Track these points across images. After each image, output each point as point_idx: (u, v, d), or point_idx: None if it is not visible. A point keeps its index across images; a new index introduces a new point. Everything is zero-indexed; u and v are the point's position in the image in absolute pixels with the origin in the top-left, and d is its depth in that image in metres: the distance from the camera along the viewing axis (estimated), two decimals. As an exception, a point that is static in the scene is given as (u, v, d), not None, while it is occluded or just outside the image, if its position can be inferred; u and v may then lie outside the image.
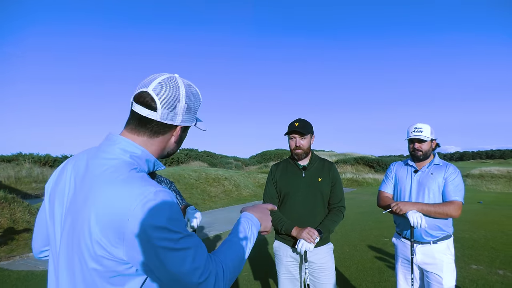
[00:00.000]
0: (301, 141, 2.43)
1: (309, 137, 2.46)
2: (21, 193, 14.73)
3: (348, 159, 30.94)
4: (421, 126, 2.58)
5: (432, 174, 2.56)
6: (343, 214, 2.48)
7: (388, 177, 2.84)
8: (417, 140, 2.59)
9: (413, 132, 2.60)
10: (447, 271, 2.46)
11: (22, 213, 7.13)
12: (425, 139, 2.54)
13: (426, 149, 2.58)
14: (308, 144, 2.46)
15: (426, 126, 2.58)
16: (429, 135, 2.56)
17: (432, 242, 2.51)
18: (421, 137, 2.54)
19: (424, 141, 2.56)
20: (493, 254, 5.57)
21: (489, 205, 13.25)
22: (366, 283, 4.34)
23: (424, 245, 2.53)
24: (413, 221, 2.35)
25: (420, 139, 2.55)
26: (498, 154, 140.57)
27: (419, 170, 2.63)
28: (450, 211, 2.39)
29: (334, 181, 2.49)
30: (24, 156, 21.63)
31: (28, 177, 18.04)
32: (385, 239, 6.72)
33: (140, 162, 0.99)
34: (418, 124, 2.60)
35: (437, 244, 2.51)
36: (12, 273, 4.91)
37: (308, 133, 2.43)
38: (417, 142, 2.59)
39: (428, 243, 2.52)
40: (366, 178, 24.81)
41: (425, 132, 2.56)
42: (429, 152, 2.61)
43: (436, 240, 2.51)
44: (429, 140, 2.57)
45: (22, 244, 6.30)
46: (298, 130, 2.40)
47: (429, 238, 2.51)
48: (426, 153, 2.59)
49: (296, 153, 2.45)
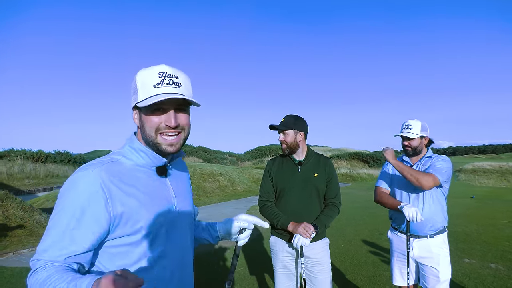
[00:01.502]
0: (285, 137, 2.45)
1: (291, 132, 2.44)
2: (14, 189, 14.60)
3: (342, 155, 31.08)
4: (411, 123, 2.62)
5: (424, 168, 2.60)
6: (338, 209, 2.48)
7: (384, 173, 2.87)
8: (405, 138, 2.65)
9: (403, 129, 2.66)
10: (443, 264, 2.49)
11: (15, 210, 7.06)
12: (413, 137, 2.59)
13: (415, 146, 2.63)
14: (292, 140, 2.44)
15: (416, 122, 2.62)
16: (418, 132, 2.60)
17: (429, 236, 2.54)
18: (408, 134, 2.61)
19: (412, 138, 2.61)
20: (485, 248, 5.65)
21: (481, 199, 13.42)
22: (361, 277, 4.38)
23: (420, 239, 2.55)
24: (409, 216, 2.36)
25: (408, 137, 2.62)
26: (490, 149, 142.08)
27: (413, 165, 2.68)
28: (422, 179, 2.38)
29: (330, 176, 2.49)
30: (16, 152, 21.41)
31: (20, 173, 17.87)
32: (380, 234, 6.78)
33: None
34: (409, 121, 2.64)
35: (433, 237, 2.54)
36: (5, 270, 4.87)
37: (290, 129, 2.43)
38: (406, 140, 2.65)
39: (425, 237, 2.54)
40: (361, 173, 24.96)
41: (414, 129, 2.60)
42: (419, 148, 2.64)
43: (432, 234, 2.54)
44: (417, 137, 2.61)
45: (16, 240, 6.24)
46: (275, 126, 2.46)
47: (425, 232, 2.53)
48: (416, 149, 2.64)
49: (282, 148, 2.50)
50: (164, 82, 1.04)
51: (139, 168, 1.11)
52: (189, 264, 1.25)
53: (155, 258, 1.09)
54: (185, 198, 1.25)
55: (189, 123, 1.14)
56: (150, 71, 1.06)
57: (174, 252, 1.16)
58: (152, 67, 1.07)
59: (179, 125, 1.08)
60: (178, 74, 1.08)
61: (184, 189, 1.27)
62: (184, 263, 1.21)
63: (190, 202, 1.29)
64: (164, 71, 1.05)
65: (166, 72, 1.06)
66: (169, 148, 1.08)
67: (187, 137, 1.14)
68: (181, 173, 1.29)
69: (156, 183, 1.13)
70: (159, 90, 1.04)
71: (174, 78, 1.06)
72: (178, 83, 1.07)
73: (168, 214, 1.13)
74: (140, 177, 1.10)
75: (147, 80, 1.05)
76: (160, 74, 1.05)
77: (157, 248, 1.10)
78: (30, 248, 6.08)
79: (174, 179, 1.22)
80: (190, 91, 1.12)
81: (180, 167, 1.31)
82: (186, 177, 1.35)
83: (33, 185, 16.82)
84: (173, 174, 1.23)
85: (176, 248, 1.16)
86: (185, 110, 1.11)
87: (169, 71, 1.06)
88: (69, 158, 22.85)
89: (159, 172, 1.14)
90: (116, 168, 1.06)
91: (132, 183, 1.06)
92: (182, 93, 1.06)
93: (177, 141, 1.10)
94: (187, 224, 1.24)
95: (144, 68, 1.08)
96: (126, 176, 1.06)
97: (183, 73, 1.11)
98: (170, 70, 1.07)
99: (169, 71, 1.06)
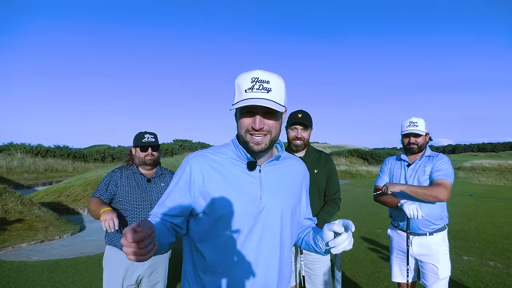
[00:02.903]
0: (303, 133, 2.41)
1: (310, 130, 2.44)
2: (13, 183, 14.59)
3: (342, 151, 31.08)
4: (416, 120, 2.61)
5: (425, 167, 2.59)
6: (338, 206, 2.48)
7: (383, 172, 2.87)
8: (413, 135, 2.61)
9: (408, 127, 2.63)
10: (443, 261, 2.49)
11: (14, 204, 7.06)
12: (421, 134, 2.58)
13: (421, 143, 2.62)
14: (308, 137, 2.45)
15: (421, 120, 2.62)
16: (424, 129, 2.60)
17: (428, 234, 2.53)
18: (417, 131, 2.57)
19: (420, 135, 2.60)
20: (484, 245, 5.67)
21: (480, 197, 13.44)
22: (359, 274, 4.38)
23: (420, 236, 2.55)
24: (409, 213, 2.34)
25: (416, 133, 2.58)
26: (489, 147, 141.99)
27: (412, 163, 2.67)
28: (438, 193, 2.38)
29: (330, 173, 2.48)
30: (15, 146, 21.37)
31: (19, 167, 17.85)
32: (379, 231, 6.79)
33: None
34: (413, 119, 2.63)
35: (433, 235, 2.53)
36: (4, 264, 4.88)
37: (310, 126, 2.42)
38: (412, 136, 2.62)
39: (425, 235, 2.54)
40: (360, 170, 24.98)
41: (420, 127, 2.59)
42: (423, 145, 2.65)
43: (432, 232, 2.54)
44: (424, 134, 2.61)
45: (15, 234, 6.24)
46: (301, 122, 2.38)
47: (425, 229, 2.53)
48: (421, 146, 2.63)
49: (296, 144, 2.43)
50: (255, 88, 1.12)
51: (232, 160, 1.24)
52: (273, 265, 1.22)
53: (228, 247, 1.17)
54: (279, 198, 1.25)
55: (277, 126, 1.20)
56: (245, 76, 1.15)
57: (245, 244, 1.17)
58: (249, 72, 1.15)
59: (263, 128, 1.15)
60: (271, 78, 1.14)
61: (282, 189, 1.27)
62: (268, 264, 1.20)
63: (287, 204, 1.28)
64: (256, 77, 1.13)
65: (258, 77, 1.13)
66: (255, 146, 1.17)
67: (275, 138, 1.22)
68: (285, 172, 1.32)
69: (244, 176, 1.22)
70: (249, 95, 1.12)
71: (265, 83, 1.13)
72: (268, 88, 1.13)
73: (248, 205, 1.18)
74: (229, 167, 1.22)
75: (241, 85, 1.14)
76: (252, 79, 1.13)
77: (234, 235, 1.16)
78: (29, 242, 6.09)
79: (271, 176, 1.26)
80: (281, 95, 1.17)
81: (288, 167, 1.35)
82: (295, 178, 1.36)
83: (32, 179, 16.81)
84: (270, 171, 1.27)
85: (248, 241, 1.18)
86: (273, 113, 1.17)
87: (262, 76, 1.13)
88: (68, 152, 22.80)
89: (248, 166, 1.23)
90: (214, 158, 1.24)
91: (221, 171, 1.21)
92: (270, 98, 1.12)
93: (263, 141, 1.17)
94: (274, 223, 1.22)
95: (242, 73, 1.18)
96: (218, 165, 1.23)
97: (276, 77, 1.16)
98: (262, 76, 1.13)
99: (261, 76, 1.13)
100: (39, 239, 6.28)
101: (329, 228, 1.14)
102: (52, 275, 4.43)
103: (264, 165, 1.26)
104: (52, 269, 4.67)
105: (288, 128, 2.46)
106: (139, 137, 2.46)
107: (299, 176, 1.39)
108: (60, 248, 5.99)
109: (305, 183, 1.44)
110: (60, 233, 6.74)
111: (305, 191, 1.44)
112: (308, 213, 1.47)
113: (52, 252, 5.70)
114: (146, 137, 2.46)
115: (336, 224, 1.12)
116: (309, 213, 1.48)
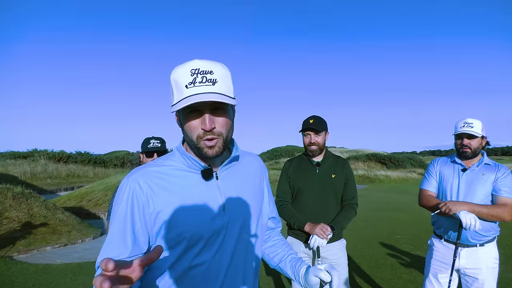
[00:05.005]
0: (316, 138, 2.43)
1: (323, 134, 2.46)
2: (37, 188, 15.08)
3: (360, 156, 30.67)
4: (472, 121, 2.35)
5: (484, 175, 2.33)
6: (355, 211, 2.47)
7: (430, 174, 2.58)
8: (467, 136, 2.35)
9: (462, 127, 2.36)
10: (490, 275, 2.30)
11: (39, 208, 7.32)
12: (476, 135, 2.31)
13: (475, 146, 2.35)
14: (323, 141, 2.46)
15: (477, 121, 2.34)
16: (480, 131, 2.33)
17: (479, 245, 2.32)
18: (472, 132, 2.31)
19: (475, 137, 2.33)
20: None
21: None
22: (378, 279, 4.33)
23: (470, 248, 2.33)
24: (466, 222, 2.10)
25: (470, 134, 2.32)
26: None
27: (468, 168, 2.38)
28: (503, 214, 2.20)
29: (348, 178, 2.49)
30: (39, 152, 22.10)
31: (43, 173, 18.46)
32: (398, 236, 6.66)
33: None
34: (469, 119, 2.36)
35: (483, 246, 2.32)
36: (30, 266, 5.06)
37: (323, 130, 2.44)
38: (466, 138, 2.36)
39: (475, 246, 2.33)
40: (378, 175, 24.54)
41: (476, 128, 2.32)
42: (478, 150, 2.37)
43: (483, 243, 2.32)
44: (479, 137, 2.34)
45: (39, 238, 6.46)
46: (312, 127, 2.41)
47: (475, 241, 2.32)
48: (475, 150, 2.35)
49: (311, 150, 2.45)
50: (197, 81, 0.93)
51: (183, 172, 1.05)
52: (239, 279, 1.09)
53: (189, 265, 1.02)
54: (243, 204, 1.11)
55: (229, 123, 1.03)
56: (182, 69, 0.95)
57: (216, 261, 1.04)
58: (185, 63, 0.96)
59: (215, 127, 0.97)
60: (214, 68, 0.95)
61: (244, 193, 1.13)
62: (234, 277, 1.07)
63: (252, 209, 1.14)
64: (197, 68, 0.94)
65: (199, 68, 0.94)
66: (209, 151, 0.99)
67: (229, 137, 1.05)
68: (244, 173, 1.17)
69: (200, 187, 1.05)
70: (191, 91, 0.93)
71: (208, 74, 0.94)
72: (212, 80, 0.94)
73: (212, 220, 1.03)
74: (180, 181, 1.04)
75: (180, 80, 0.95)
76: (192, 71, 0.93)
77: (193, 255, 1.01)
78: (53, 245, 6.29)
79: (230, 181, 1.11)
80: (229, 85, 0.99)
81: (246, 166, 1.20)
82: (254, 176, 1.22)
83: (55, 185, 17.35)
84: (229, 175, 1.11)
85: (220, 257, 1.04)
86: (223, 109, 0.99)
87: (202, 66, 0.94)
88: (89, 158, 23.43)
89: (203, 176, 1.05)
90: (159, 174, 1.03)
91: (170, 188, 1.02)
92: (217, 90, 0.94)
93: (216, 143, 0.99)
94: (243, 232, 1.10)
95: (177, 66, 0.98)
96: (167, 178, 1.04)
97: (219, 66, 0.98)
98: (203, 65, 0.94)
99: (202, 66, 0.94)
100: (62, 243, 6.48)
101: (314, 274, 1.06)
102: (75, 278, 4.57)
103: (220, 170, 1.09)
104: (75, 272, 4.81)
105: (302, 135, 2.50)
106: (145, 143, 2.51)
107: (258, 172, 1.24)
108: (82, 251, 6.16)
109: (265, 178, 1.29)
110: (83, 237, 6.94)
111: (266, 187, 1.29)
112: (272, 211, 1.33)
113: (75, 255, 5.87)
114: (152, 143, 2.49)
115: (322, 272, 1.04)
116: (273, 210, 1.33)
